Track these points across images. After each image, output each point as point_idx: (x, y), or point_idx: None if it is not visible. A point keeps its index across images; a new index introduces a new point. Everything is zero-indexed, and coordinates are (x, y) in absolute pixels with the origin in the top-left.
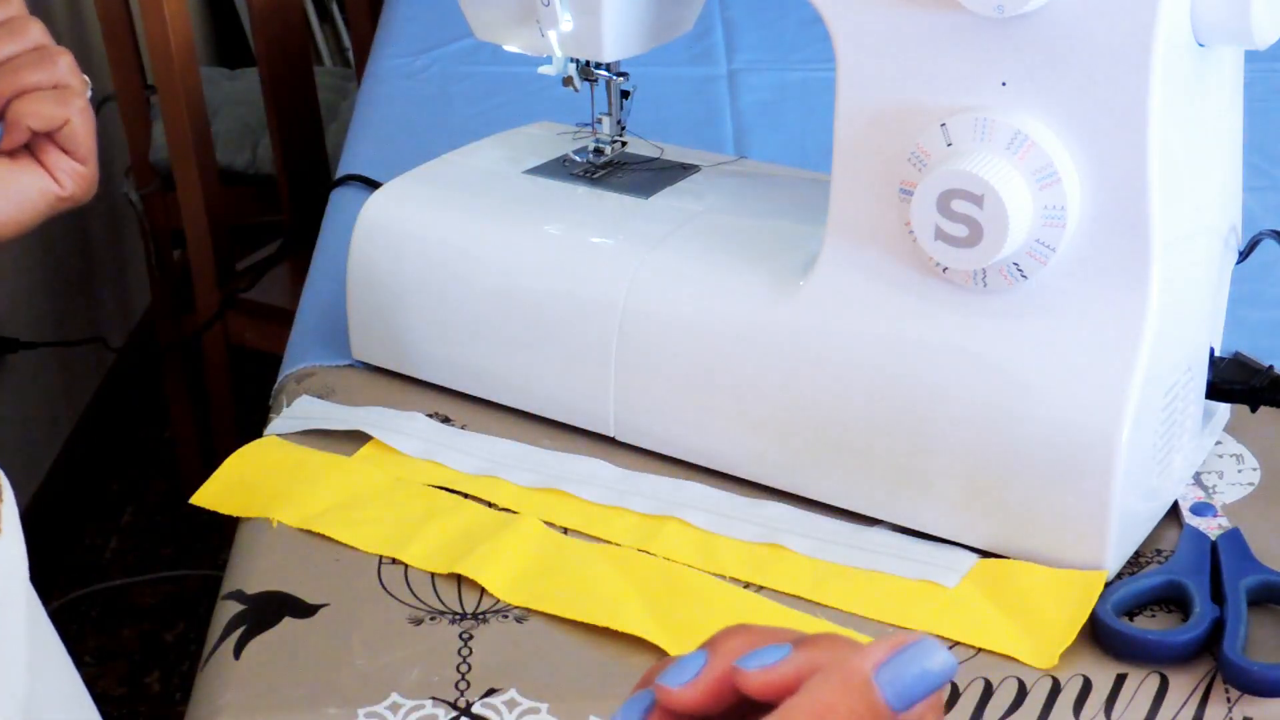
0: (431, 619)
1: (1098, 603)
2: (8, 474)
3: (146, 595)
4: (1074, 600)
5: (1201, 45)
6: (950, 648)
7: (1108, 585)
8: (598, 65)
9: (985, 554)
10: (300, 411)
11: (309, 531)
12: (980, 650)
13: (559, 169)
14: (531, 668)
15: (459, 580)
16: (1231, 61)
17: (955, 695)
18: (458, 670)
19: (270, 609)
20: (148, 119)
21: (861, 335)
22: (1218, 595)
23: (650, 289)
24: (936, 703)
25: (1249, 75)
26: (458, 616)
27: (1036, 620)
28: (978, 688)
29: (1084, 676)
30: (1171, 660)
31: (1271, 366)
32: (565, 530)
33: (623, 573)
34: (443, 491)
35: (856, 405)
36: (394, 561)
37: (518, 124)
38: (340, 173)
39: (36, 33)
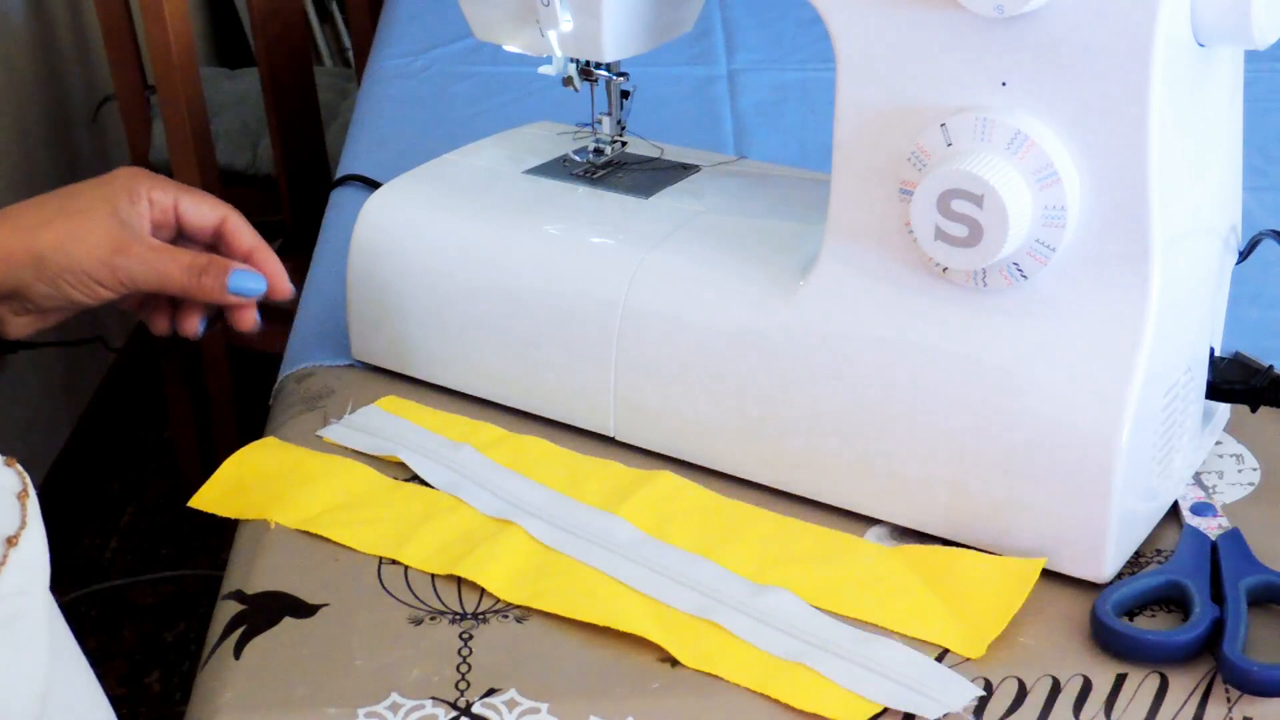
0: (431, 619)
1: (1097, 602)
2: None
3: (146, 595)
4: (1009, 589)
5: (1201, 45)
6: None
7: (1108, 585)
8: (598, 65)
9: (971, 548)
10: (360, 424)
11: (308, 531)
12: (986, 651)
13: (559, 169)
14: (531, 668)
15: (459, 580)
16: (1231, 61)
17: None
18: (458, 670)
19: (270, 609)
20: (148, 119)
21: (861, 335)
22: (1218, 595)
23: (650, 289)
24: None
25: (1249, 75)
26: (458, 616)
27: (971, 609)
28: (977, 688)
29: (1084, 676)
30: (1171, 660)
31: (1271, 366)
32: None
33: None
34: (441, 492)
35: (856, 405)
36: (394, 561)
37: (518, 124)
38: (340, 173)
39: None
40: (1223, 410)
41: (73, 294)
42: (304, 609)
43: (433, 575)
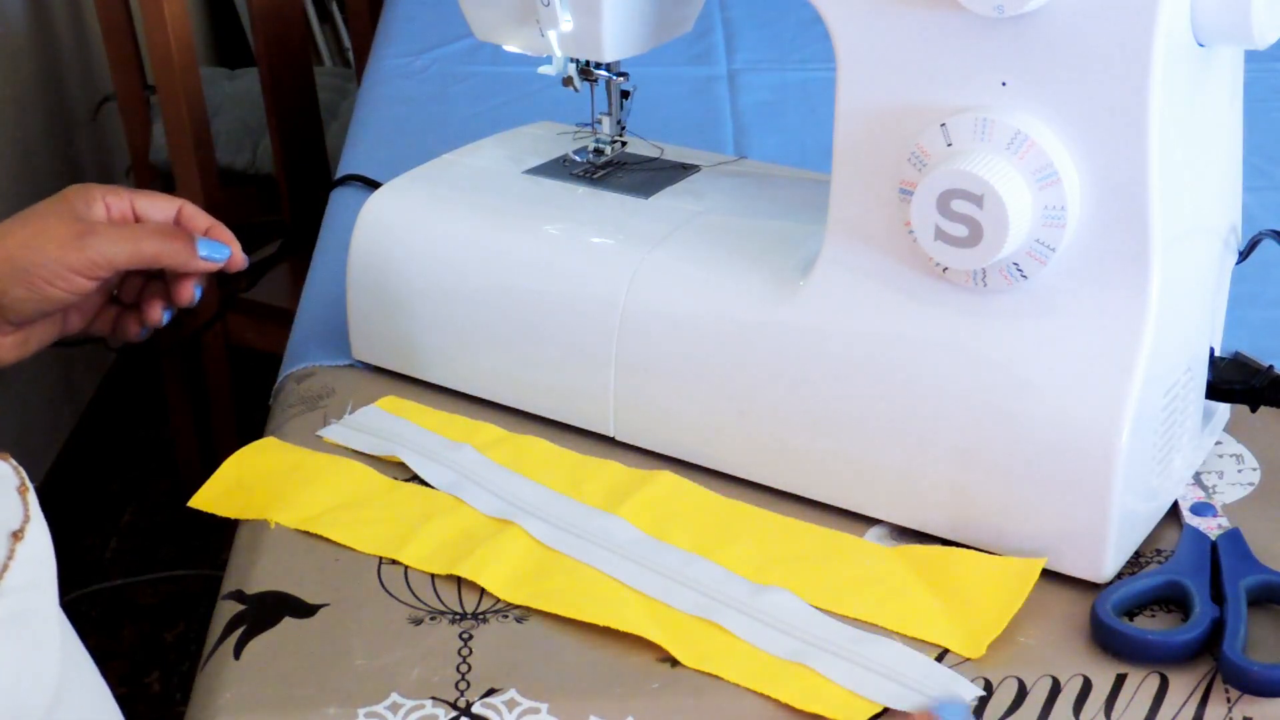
0: (431, 619)
1: (1097, 602)
2: None
3: (146, 595)
4: (1009, 589)
5: (1201, 45)
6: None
7: (1108, 585)
8: (598, 65)
9: (967, 547)
10: (360, 424)
11: (308, 531)
12: (986, 651)
13: (559, 169)
14: (531, 668)
15: (459, 580)
16: (1231, 61)
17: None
18: (458, 670)
19: (270, 609)
20: (148, 119)
21: (861, 335)
22: (1218, 595)
23: (650, 289)
24: None
25: (1249, 75)
26: (458, 616)
27: (971, 609)
28: (977, 688)
29: (1084, 676)
30: (1171, 660)
31: (1271, 366)
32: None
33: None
34: (441, 493)
35: (856, 405)
36: (394, 561)
37: (518, 124)
38: (340, 173)
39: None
40: (1223, 410)
41: (49, 290)
42: (304, 609)
43: (433, 575)
